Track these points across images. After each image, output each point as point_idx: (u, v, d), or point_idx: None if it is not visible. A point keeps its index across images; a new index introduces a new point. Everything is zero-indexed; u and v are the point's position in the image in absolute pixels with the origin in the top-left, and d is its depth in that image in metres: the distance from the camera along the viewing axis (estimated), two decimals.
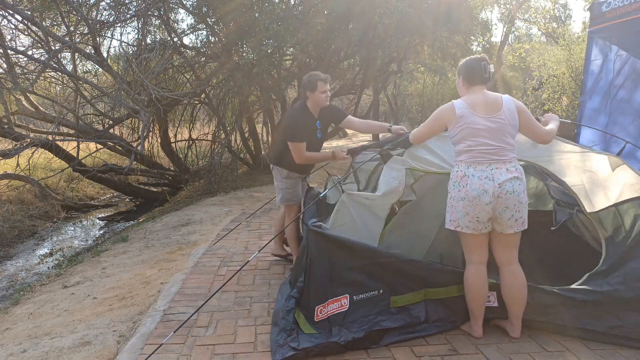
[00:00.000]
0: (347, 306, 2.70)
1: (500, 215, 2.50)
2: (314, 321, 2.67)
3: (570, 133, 6.22)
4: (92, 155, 9.49)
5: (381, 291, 2.75)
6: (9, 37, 7.92)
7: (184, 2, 8.88)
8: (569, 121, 3.88)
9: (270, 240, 3.67)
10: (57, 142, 8.40)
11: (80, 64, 9.19)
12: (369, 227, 2.95)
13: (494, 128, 2.48)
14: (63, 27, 8.00)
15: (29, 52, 7.64)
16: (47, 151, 8.75)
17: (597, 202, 2.87)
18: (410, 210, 3.22)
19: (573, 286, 2.70)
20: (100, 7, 7.96)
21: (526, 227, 2.57)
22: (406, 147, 3.01)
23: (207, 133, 11.17)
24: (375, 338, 2.64)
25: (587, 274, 2.72)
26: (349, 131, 16.92)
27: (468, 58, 2.66)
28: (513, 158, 2.55)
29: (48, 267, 5.93)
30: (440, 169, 2.97)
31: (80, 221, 8.97)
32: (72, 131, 9.42)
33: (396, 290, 2.77)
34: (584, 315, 2.65)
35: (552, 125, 2.73)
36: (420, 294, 2.78)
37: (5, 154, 7.64)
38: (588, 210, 2.86)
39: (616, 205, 2.82)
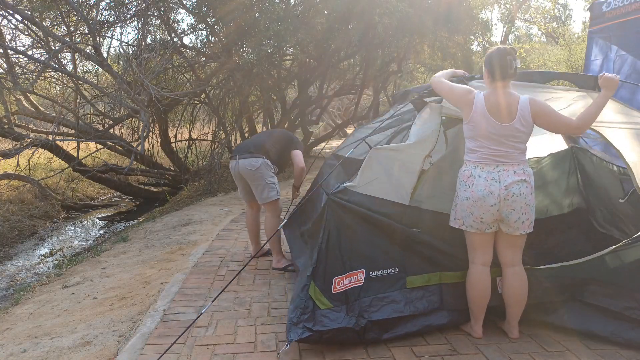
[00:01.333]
0: (363, 281, 2.67)
1: (507, 217, 2.49)
2: (332, 293, 2.63)
3: None
4: (92, 155, 9.48)
5: (397, 269, 2.73)
6: (9, 37, 7.93)
7: (184, 2, 8.88)
8: (631, 82, 3.75)
9: (266, 242, 3.66)
10: (57, 142, 8.40)
11: (80, 64, 9.19)
12: (400, 181, 2.79)
13: (504, 135, 2.45)
14: (63, 27, 8.01)
15: (29, 52, 7.65)
16: (47, 151, 8.75)
17: None
18: (443, 162, 3.02)
19: (598, 254, 2.63)
20: (100, 7, 7.96)
21: (532, 230, 2.56)
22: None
23: (207, 133, 11.17)
24: (390, 325, 2.64)
25: (614, 247, 2.62)
26: (349, 130, 16.95)
27: (495, 48, 2.54)
28: (522, 161, 2.51)
29: (48, 267, 5.93)
30: None
31: (80, 221, 8.97)
32: (72, 131, 9.42)
33: (412, 271, 2.75)
34: (600, 293, 2.63)
35: (601, 99, 2.49)
36: (436, 276, 2.76)
37: (5, 154, 7.64)
38: None
39: None
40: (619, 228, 3.46)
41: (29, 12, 6.88)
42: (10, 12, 6.80)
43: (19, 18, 6.89)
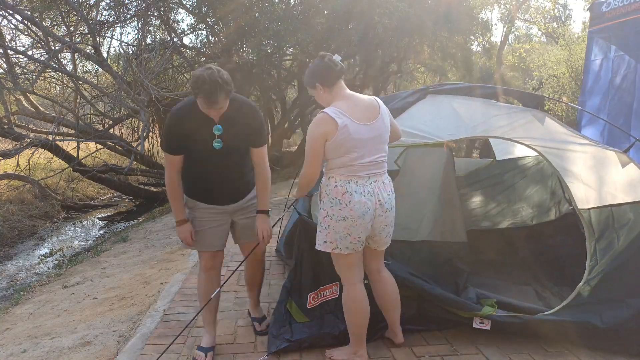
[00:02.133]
0: (338, 293, 2.67)
1: (379, 233, 2.31)
2: (307, 308, 2.68)
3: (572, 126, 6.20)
4: (92, 155, 9.49)
5: (367, 281, 2.61)
6: (9, 37, 7.94)
7: (184, 2, 8.89)
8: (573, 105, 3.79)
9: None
10: (57, 142, 8.40)
11: (80, 64, 9.20)
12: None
13: (374, 137, 2.21)
14: (63, 27, 8.02)
15: (29, 52, 7.66)
16: (47, 151, 8.75)
17: (591, 199, 2.66)
18: (399, 186, 2.90)
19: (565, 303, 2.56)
20: (100, 7, 7.98)
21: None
22: None
23: None
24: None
25: (577, 289, 2.54)
26: None
27: (310, 65, 2.31)
28: (386, 167, 2.31)
29: (48, 267, 5.93)
30: (422, 140, 2.72)
31: (80, 221, 8.97)
32: (72, 131, 9.42)
33: None
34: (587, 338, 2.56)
35: None
36: (414, 293, 2.68)
37: (5, 154, 7.64)
38: (579, 207, 2.64)
39: (612, 206, 2.62)
40: None
41: (29, 12, 6.89)
42: (10, 12, 6.81)
43: (19, 18, 6.90)
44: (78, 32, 8.01)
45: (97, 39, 7.47)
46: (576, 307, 2.53)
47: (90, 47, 7.53)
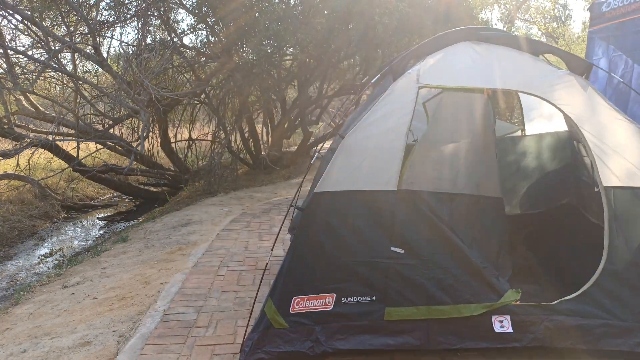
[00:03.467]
0: (332, 306, 2.42)
1: None
2: (289, 312, 2.41)
3: None
4: (92, 155, 9.48)
5: (374, 298, 2.43)
6: (9, 37, 7.93)
7: (184, 2, 8.88)
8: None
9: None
10: (57, 142, 8.40)
11: (80, 64, 9.19)
12: (380, 166, 2.42)
13: None
14: (63, 27, 8.00)
15: (29, 52, 7.65)
16: (47, 151, 8.75)
17: (620, 177, 2.48)
18: (427, 138, 2.66)
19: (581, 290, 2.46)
20: (100, 7, 7.97)
21: None
22: (421, 57, 2.51)
23: (207, 133, 11.18)
24: (355, 356, 2.44)
25: (596, 275, 2.43)
26: None
27: None
28: None
29: (48, 267, 5.93)
30: (460, 84, 2.49)
31: (80, 221, 8.96)
32: (72, 131, 9.41)
33: (393, 301, 2.43)
34: (609, 335, 2.46)
35: None
36: (422, 311, 2.44)
37: (5, 154, 7.64)
38: (604, 184, 2.48)
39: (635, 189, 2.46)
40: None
41: (29, 12, 6.89)
42: (10, 12, 6.80)
43: (19, 18, 6.89)
44: (78, 32, 8.00)
45: (97, 39, 7.46)
46: (597, 291, 2.45)
47: (90, 47, 7.53)
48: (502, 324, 2.46)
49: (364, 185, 2.42)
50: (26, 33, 7.71)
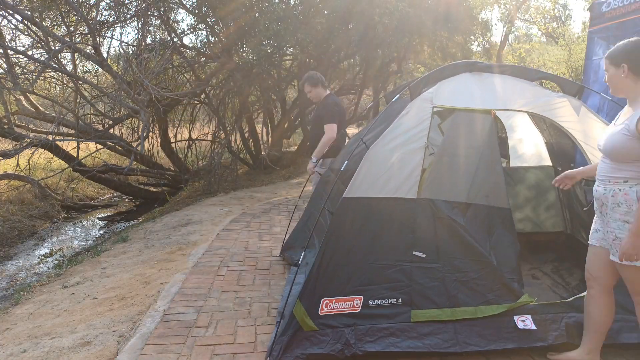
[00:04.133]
0: (360, 308, 2.52)
1: None
2: (318, 315, 2.49)
3: None
4: (92, 155, 9.49)
5: (400, 300, 2.55)
6: (9, 37, 7.93)
7: (184, 2, 8.89)
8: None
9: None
10: (57, 142, 8.40)
11: (80, 64, 9.19)
12: (402, 176, 2.64)
13: None
14: (63, 27, 8.01)
15: (29, 52, 7.65)
16: (47, 151, 8.75)
17: None
18: (443, 152, 2.83)
19: None
20: (100, 7, 7.97)
21: None
22: (433, 83, 2.81)
23: (207, 133, 11.18)
24: (386, 357, 2.47)
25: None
26: (349, 131, 16.96)
27: (636, 39, 2.13)
28: None
29: (48, 267, 5.93)
30: (469, 106, 2.78)
31: (80, 221, 8.97)
32: (72, 131, 9.42)
33: (418, 303, 2.55)
34: (625, 330, 2.56)
35: None
36: (446, 312, 2.54)
37: (5, 154, 7.63)
38: None
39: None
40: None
41: (29, 12, 6.88)
42: (10, 12, 6.80)
43: (19, 18, 6.88)
44: (78, 32, 8.00)
45: (97, 39, 7.46)
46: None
47: (90, 47, 7.53)
48: (525, 323, 2.55)
49: (387, 192, 2.63)
50: (26, 33, 7.71)
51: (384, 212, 2.60)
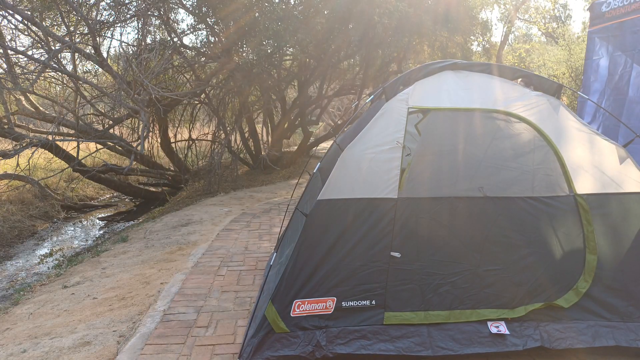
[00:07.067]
0: (332, 310, 2.50)
1: None
2: (289, 316, 2.47)
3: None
4: (92, 155, 9.49)
5: (374, 302, 2.53)
6: (9, 37, 7.93)
7: (184, 2, 8.88)
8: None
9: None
10: (57, 142, 8.40)
11: (80, 64, 9.19)
12: (381, 177, 2.61)
13: None
14: (63, 27, 8.01)
15: (29, 52, 7.65)
16: (47, 151, 8.75)
17: (590, 185, 2.73)
18: (422, 150, 2.78)
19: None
20: (100, 7, 7.97)
21: None
22: (410, 83, 2.77)
23: (207, 133, 11.18)
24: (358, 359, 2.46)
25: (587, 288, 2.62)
26: None
27: None
28: None
29: (48, 267, 5.93)
30: (448, 105, 2.73)
31: (80, 221, 8.97)
32: (72, 131, 9.42)
33: (391, 305, 2.53)
34: (601, 334, 2.61)
35: None
36: (420, 316, 2.53)
37: (5, 154, 7.63)
38: (579, 192, 2.71)
39: (620, 194, 2.70)
40: None
41: (29, 12, 6.88)
42: (10, 12, 6.80)
43: (19, 18, 6.88)
44: (78, 32, 8.00)
45: (97, 39, 7.46)
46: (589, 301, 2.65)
47: (90, 47, 7.53)
48: (499, 329, 2.56)
49: (364, 193, 2.59)
50: (26, 33, 7.71)
51: (360, 213, 2.57)
